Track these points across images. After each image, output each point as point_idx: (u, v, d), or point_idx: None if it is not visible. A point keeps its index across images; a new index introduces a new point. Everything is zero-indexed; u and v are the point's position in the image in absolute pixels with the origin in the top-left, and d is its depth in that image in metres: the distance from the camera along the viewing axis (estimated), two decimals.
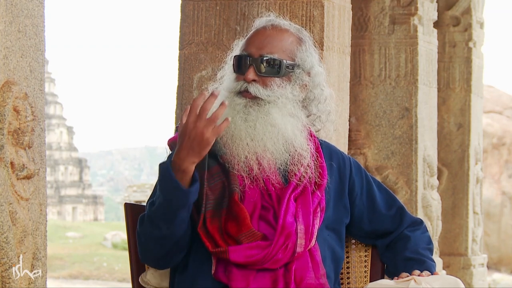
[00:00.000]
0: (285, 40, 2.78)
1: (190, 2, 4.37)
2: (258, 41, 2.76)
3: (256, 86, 2.72)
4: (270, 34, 2.77)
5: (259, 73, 2.73)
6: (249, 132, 2.69)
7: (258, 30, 2.80)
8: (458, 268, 7.44)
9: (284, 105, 2.74)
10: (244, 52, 2.77)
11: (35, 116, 2.41)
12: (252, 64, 2.73)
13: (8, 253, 2.29)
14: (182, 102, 4.35)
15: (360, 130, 6.26)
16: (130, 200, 36.70)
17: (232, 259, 2.65)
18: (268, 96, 2.72)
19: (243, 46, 2.80)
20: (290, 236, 2.68)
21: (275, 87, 2.73)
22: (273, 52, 2.74)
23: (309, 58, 2.80)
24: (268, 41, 2.76)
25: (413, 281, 2.68)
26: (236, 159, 2.70)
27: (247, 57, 2.75)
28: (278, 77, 2.74)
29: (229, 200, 2.69)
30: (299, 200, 2.74)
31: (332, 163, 2.86)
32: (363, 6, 6.31)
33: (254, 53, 2.75)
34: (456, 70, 7.56)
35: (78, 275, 24.48)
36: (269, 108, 2.71)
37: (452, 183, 7.53)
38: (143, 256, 2.78)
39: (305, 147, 2.76)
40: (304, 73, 2.79)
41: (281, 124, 2.71)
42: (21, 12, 2.38)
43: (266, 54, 2.74)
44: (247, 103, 2.71)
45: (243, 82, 2.73)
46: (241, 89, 2.73)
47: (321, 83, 2.83)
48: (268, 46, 2.75)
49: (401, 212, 2.94)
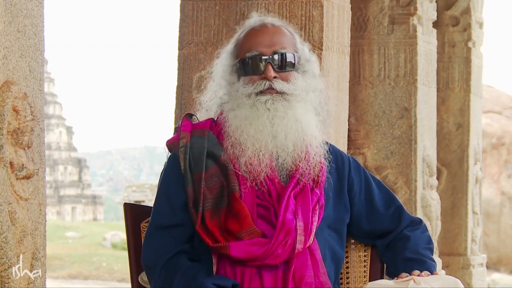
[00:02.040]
0: (287, 35, 2.81)
1: (189, 2, 4.37)
2: (266, 39, 2.77)
3: (280, 82, 2.74)
4: (275, 31, 2.79)
5: (278, 69, 2.74)
6: (273, 130, 2.71)
7: (258, 29, 2.80)
8: (458, 268, 7.44)
9: (308, 98, 2.78)
10: (251, 53, 2.76)
11: (35, 116, 2.41)
12: (269, 61, 2.74)
13: (8, 253, 2.29)
14: (181, 102, 4.35)
15: (359, 130, 6.26)
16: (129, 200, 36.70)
17: (232, 254, 2.67)
18: (294, 89, 2.75)
19: (245, 48, 2.79)
20: (290, 232, 2.69)
21: (295, 81, 2.76)
22: (285, 47, 2.77)
23: (305, 47, 2.85)
24: (276, 37, 2.77)
25: (413, 281, 2.69)
26: (247, 160, 2.71)
27: (259, 56, 2.75)
28: (295, 71, 2.77)
29: (230, 198, 2.70)
30: (298, 197, 2.75)
31: (331, 162, 2.87)
32: (363, 6, 6.31)
33: (265, 51, 2.75)
34: (456, 70, 7.56)
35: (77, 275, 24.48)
36: (295, 103, 2.74)
37: (452, 183, 7.53)
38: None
39: (320, 149, 2.78)
40: (306, 63, 2.82)
41: (305, 120, 2.75)
42: (20, 12, 2.38)
43: (280, 50, 2.76)
44: (273, 98, 2.73)
45: (263, 80, 2.73)
46: (264, 87, 2.73)
47: (316, 69, 2.87)
48: (278, 42, 2.76)
49: (400, 211, 2.94)
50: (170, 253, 2.73)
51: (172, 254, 2.73)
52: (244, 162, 2.71)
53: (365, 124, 6.26)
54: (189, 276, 2.67)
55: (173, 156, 2.80)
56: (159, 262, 2.73)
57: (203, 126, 2.80)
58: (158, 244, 2.75)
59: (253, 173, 2.71)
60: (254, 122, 2.70)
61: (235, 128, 2.73)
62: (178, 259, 2.72)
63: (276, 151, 2.72)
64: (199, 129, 2.79)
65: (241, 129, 2.72)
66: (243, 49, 2.78)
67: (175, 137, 2.81)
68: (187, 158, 2.75)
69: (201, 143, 2.76)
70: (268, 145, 2.71)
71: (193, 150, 2.75)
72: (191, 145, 2.76)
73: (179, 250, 2.73)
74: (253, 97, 2.73)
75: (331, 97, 4.26)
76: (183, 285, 2.66)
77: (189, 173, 2.73)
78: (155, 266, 2.73)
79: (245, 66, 2.76)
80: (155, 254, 2.74)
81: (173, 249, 2.73)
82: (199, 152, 2.75)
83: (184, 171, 2.74)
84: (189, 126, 2.81)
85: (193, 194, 2.72)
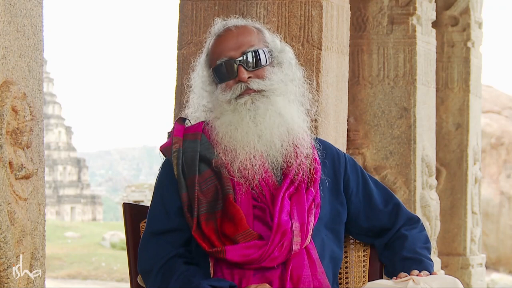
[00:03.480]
0: (252, 32, 2.80)
1: (188, 2, 4.37)
2: (232, 43, 2.77)
3: (255, 81, 2.73)
4: (239, 32, 2.79)
5: (250, 69, 2.74)
6: (258, 130, 2.70)
7: (224, 35, 2.80)
8: (457, 268, 7.44)
9: (286, 89, 2.77)
10: (220, 59, 2.77)
11: (34, 116, 2.41)
12: (240, 64, 2.74)
13: (7, 253, 2.29)
14: (180, 102, 4.34)
15: (358, 130, 6.26)
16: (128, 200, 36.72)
17: (229, 258, 2.66)
18: (271, 85, 2.74)
19: (214, 56, 2.79)
20: (286, 234, 2.68)
21: (270, 75, 2.75)
22: (253, 45, 2.76)
23: (275, 39, 2.84)
24: (242, 38, 2.77)
25: (412, 281, 2.68)
26: (239, 166, 2.71)
27: (230, 60, 2.75)
28: (268, 66, 2.77)
29: (224, 202, 2.69)
30: (293, 198, 2.74)
31: (326, 160, 2.87)
32: (362, 6, 6.31)
33: (233, 55, 2.75)
34: (455, 70, 7.57)
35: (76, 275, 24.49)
36: (275, 97, 2.73)
37: (451, 183, 7.53)
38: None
39: (306, 139, 2.77)
40: (279, 55, 2.81)
41: (288, 113, 2.74)
42: (19, 12, 2.38)
43: (248, 49, 2.75)
44: (253, 97, 2.72)
45: (239, 84, 2.73)
46: (241, 91, 2.73)
47: (292, 59, 2.85)
48: (245, 42, 2.76)
49: (398, 208, 2.94)
50: (166, 257, 2.72)
51: (168, 258, 2.72)
52: (237, 168, 2.71)
53: (364, 124, 6.26)
54: (185, 279, 2.67)
55: (167, 161, 2.80)
56: (155, 266, 2.73)
57: (195, 130, 2.80)
58: (154, 249, 2.75)
59: (248, 177, 2.71)
60: (239, 126, 2.70)
61: (223, 135, 2.73)
62: (174, 262, 2.71)
63: (265, 150, 2.72)
64: (191, 133, 2.79)
65: (228, 135, 2.71)
66: (213, 58, 2.79)
67: (168, 142, 2.81)
68: (179, 163, 2.75)
69: (193, 147, 2.76)
70: (256, 145, 2.70)
71: (186, 154, 2.76)
72: (183, 150, 2.76)
73: (175, 254, 2.73)
74: (233, 102, 2.73)
75: (331, 96, 4.26)
76: (180, 286, 2.66)
77: (182, 178, 2.73)
78: (151, 270, 2.73)
79: (218, 73, 2.77)
80: (151, 259, 2.74)
81: (169, 253, 2.73)
82: (192, 156, 2.75)
83: (178, 177, 2.74)
84: (182, 130, 2.81)
85: (187, 199, 2.72)
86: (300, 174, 2.75)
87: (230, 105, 2.73)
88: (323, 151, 2.87)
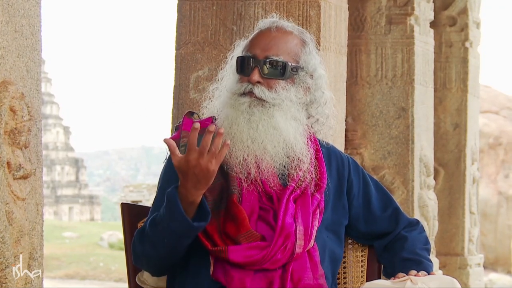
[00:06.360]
0: (289, 42, 2.76)
1: (186, 2, 4.37)
2: (263, 43, 2.75)
3: (261, 88, 2.70)
4: (275, 35, 2.76)
5: (264, 75, 2.71)
6: (251, 133, 2.68)
7: (262, 32, 2.78)
8: (455, 268, 7.44)
9: (288, 108, 2.72)
10: (248, 53, 2.75)
11: (32, 116, 2.41)
12: (257, 65, 2.72)
13: (5, 253, 2.29)
14: (178, 102, 4.35)
15: (356, 130, 6.26)
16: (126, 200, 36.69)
17: (231, 258, 2.65)
18: (273, 98, 2.70)
19: (247, 47, 2.78)
20: (289, 236, 2.68)
21: (280, 90, 2.71)
22: (278, 54, 2.72)
23: (312, 60, 2.79)
24: (274, 43, 2.74)
25: (410, 281, 2.69)
26: (235, 161, 2.70)
27: (251, 58, 2.73)
28: (282, 80, 2.72)
29: (228, 202, 2.68)
30: (298, 201, 2.73)
31: (331, 164, 2.86)
32: (360, 6, 6.31)
33: (258, 54, 2.73)
34: (453, 70, 7.56)
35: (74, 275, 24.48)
36: (273, 111, 2.70)
37: (449, 183, 7.53)
38: (136, 263, 2.80)
39: (305, 153, 2.74)
40: (307, 76, 2.78)
41: (284, 127, 2.70)
42: (17, 12, 2.38)
43: (271, 56, 2.72)
44: (251, 102, 2.70)
45: (248, 83, 2.71)
46: (246, 90, 2.71)
47: (322, 85, 2.82)
48: (274, 48, 2.73)
49: (397, 213, 2.93)
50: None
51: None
52: (234, 163, 2.69)
53: (362, 124, 6.26)
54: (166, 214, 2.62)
55: None
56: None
57: (204, 125, 2.79)
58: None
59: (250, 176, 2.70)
60: (234, 122, 2.68)
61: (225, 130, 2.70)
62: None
63: (260, 153, 2.68)
64: (200, 128, 2.78)
65: (226, 131, 2.69)
66: (245, 48, 2.78)
67: (175, 135, 2.78)
68: None
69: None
70: (250, 146, 2.68)
71: None
72: None
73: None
74: (235, 97, 2.72)
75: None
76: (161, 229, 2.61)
77: None
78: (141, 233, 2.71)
79: (239, 64, 2.76)
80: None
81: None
82: None
83: None
84: (190, 124, 2.80)
85: None
86: (306, 180, 2.74)
87: (232, 99, 2.72)
88: (328, 156, 2.86)
